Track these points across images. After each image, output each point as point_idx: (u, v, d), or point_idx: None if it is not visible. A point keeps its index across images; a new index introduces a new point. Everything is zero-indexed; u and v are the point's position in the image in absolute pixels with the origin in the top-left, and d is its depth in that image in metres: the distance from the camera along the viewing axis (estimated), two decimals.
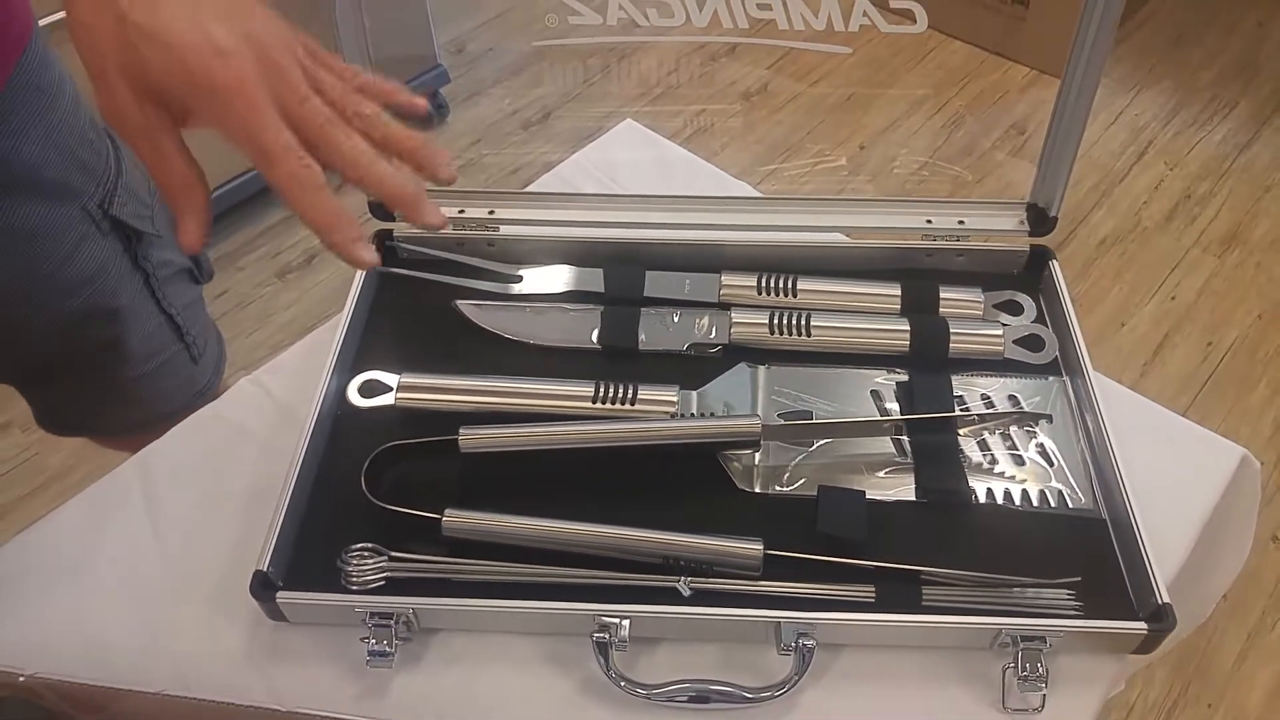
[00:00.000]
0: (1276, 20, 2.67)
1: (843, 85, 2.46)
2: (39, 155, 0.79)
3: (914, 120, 2.38)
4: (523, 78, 2.48)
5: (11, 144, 0.76)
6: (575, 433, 0.76)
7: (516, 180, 2.08)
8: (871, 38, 2.56)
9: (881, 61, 2.53)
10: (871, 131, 2.35)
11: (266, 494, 0.73)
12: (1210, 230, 2.16)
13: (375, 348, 0.86)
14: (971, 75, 2.49)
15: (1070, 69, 0.81)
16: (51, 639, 0.71)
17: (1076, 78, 0.80)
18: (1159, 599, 0.67)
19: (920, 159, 2.28)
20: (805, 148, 2.33)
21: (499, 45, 2.54)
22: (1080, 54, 0.79)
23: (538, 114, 2.36)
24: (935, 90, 2.45)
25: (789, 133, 2.33)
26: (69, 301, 0.86)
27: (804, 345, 0.85)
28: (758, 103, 2.40)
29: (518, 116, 2.37)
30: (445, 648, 0.71)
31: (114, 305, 0.89)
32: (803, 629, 0.66)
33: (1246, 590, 1.60)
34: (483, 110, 2.41)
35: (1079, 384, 0.81)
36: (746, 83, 2.43)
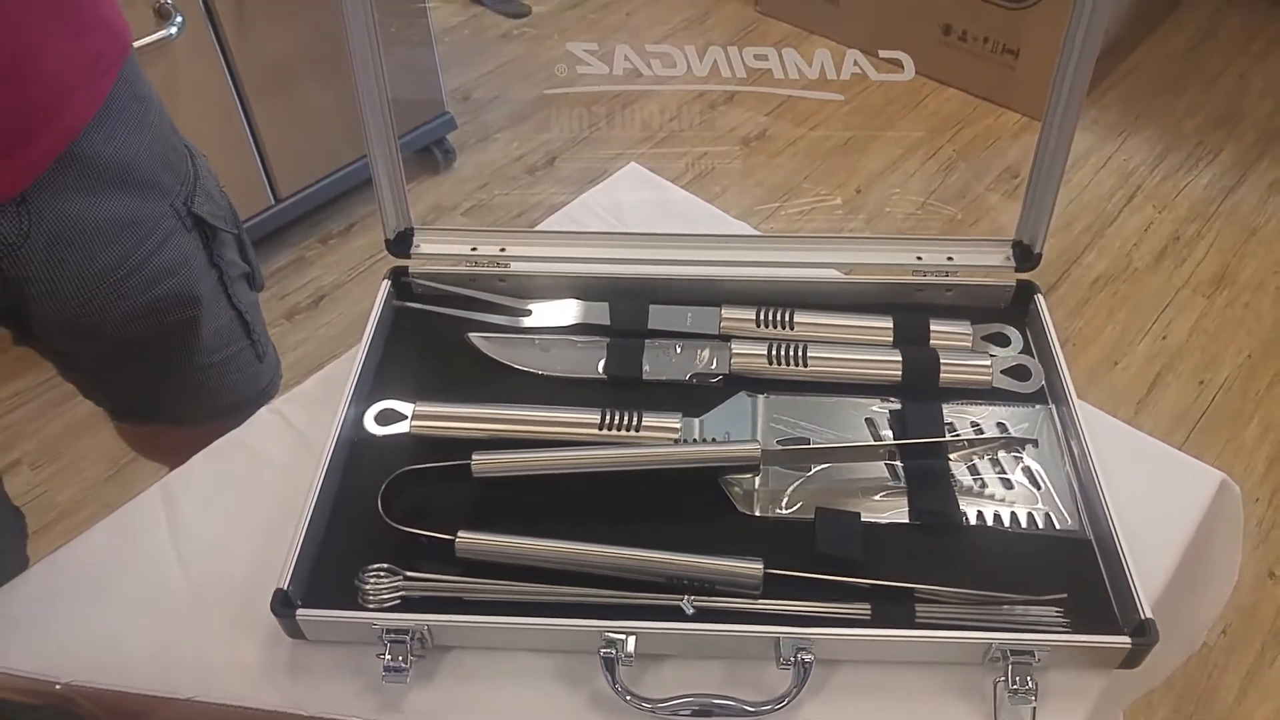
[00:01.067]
0: (1257, 72, 2.73)
1: (839, 131, 2.52)
2: (135, 155, 0.87)
3: (909, 164, 2.44)
4: (528, 125, 2.54)
5: (115, 144, 0.85)
6: (583, 458, 0.79)
7: (524, 222, 2.13)
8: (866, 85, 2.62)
9: (877, 109, 2.59)
10: (867, 176, 2.40)
11: (285, 519, 0.76)
12: (1199, 271, 2.20)
13: (391, 378, 0.89)
14: (965, 122, 2.55)
15: (1050, 112, 0.85)
16: (78, 656, 0.74)
17: (1056, 120, 0.84)
18: (1142, 614, 0.70)
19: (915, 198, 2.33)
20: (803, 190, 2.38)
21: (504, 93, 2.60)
22: (1059, 98, 0.83)
23: (543, 159, 2.42)
24: (929, 136, 2.51)
25: (787, 177, 2.38)
26: (154, 290, 0.93)
27: (801, 375, 0.88)
28: (756, 148, 2.45)
29: (523, 162, 2.43)
30: (458, 664, 0.73)
31: (194, 294, 0.97)
32: (801, 644, 0.69)
33: (1246, 626, 1.62)
34: (489, 156, 2.47)
35: (1064, 411, 0.85)
36: (745, 129, 2.49)
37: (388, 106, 0.85)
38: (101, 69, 0.83)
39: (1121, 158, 2.48)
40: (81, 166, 0.83)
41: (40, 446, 1.91)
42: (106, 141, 0.84)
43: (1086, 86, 0.81)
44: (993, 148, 2.48)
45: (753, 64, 0.83)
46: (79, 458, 1.88)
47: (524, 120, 2.54)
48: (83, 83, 0.81)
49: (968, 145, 2.49)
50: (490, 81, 2.63)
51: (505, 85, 2.60)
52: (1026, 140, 2.49)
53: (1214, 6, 2.96)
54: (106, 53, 0.84)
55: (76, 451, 1.89)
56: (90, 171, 0.84)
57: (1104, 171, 2.44)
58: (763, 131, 2.49)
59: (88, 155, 0.83)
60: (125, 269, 0.90)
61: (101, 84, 0.83)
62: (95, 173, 0.84)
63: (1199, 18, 2.92)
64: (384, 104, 0.85)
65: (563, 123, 1.03)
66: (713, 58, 0.82)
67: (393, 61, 0.83)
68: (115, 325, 0.93)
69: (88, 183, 0.84)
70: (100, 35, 0.83)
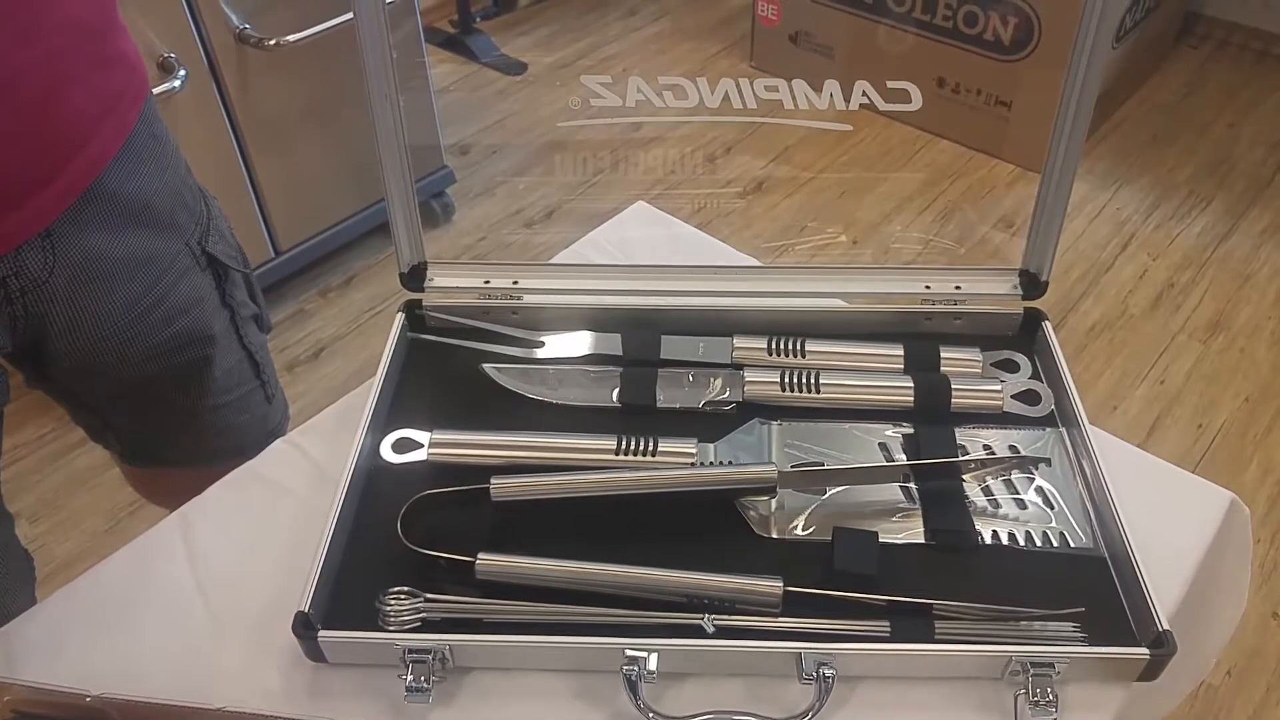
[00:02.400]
0: (1247, 121, 2.79)
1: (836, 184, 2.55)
2: (155, 192, 0.89)
3: (905, 215, 2.47)
4: (525, 179, 2.57)
5: (137, 180, 0.86)
6: (600, 481, 0.80)
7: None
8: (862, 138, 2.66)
9: (872, 160, 2.63)
10: (866, 225, 2.43)
11: (303, 548, 0.77)
12: (1195, 317, 2.23)
13: (406, 409, 0.90)
14: (960, 172, 2.59)
15: (1056, 133, 0.86)
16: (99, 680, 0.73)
17: (1063, 141, 0.86)
18: (1159, 626, 0.70)
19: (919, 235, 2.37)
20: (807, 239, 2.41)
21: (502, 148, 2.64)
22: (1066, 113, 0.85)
23: (540, 213, 2.44)
24: (925, 186, 2.55)
25: (785, 228, 2.41)
26: (169, 327, 0.94)
27: (814, 402, 0.89)
28: (755, 199, 2.49)
29: (521, 215, 2.45)
30: (478, 685, 0.73)
31: (208, 332, 0.98)
32: (823, 659, 0.70)
33: (1251, 667, 1.62)
34: (487, 210, 2.50)
35: (1075, 434, 0.86)
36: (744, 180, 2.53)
37: (404, 143, 0.87)
38: (125, 105, 0.85)
39: (1115, 207, 2.51)
40: (104, 202, 0.84)
41: (39, 500, 1.91)
42: (129, 178, 0.86)
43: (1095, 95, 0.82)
44: (988, 197, 2.51)
45: (763, 95, 0.85)
46: (77, 511, 1.87)
47: (522, 174, 2.58)
48: (107, 118, 0.83)
49: (963, 195, 2.53)
50: (488, 136, 2.66)
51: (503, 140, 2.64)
52: (1020, 190, 2.53)
53: (1201, 59, 3.03)
54: (129, 88, 0.86)
55: (75, 505, 1.89)
56: (113, 207, 0.85)
57: (1098, 220, 2.47)
58: (760, 183, 2.53)
59: (110, 191, 0.84)
60: (143, 306, 0.91)
61: (125, 119, 0.85)
62: (117, 209, 0.86)
63: (1187, 70, 2.98)
64: (400, 140, 0.87)
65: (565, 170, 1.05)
66: (724, 89, 0.84)
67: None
68: (131, 364, 0.94)
69: (110, 219, 0.85)
70: (122, 71, 0.85)
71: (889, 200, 2.51)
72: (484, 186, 2.54)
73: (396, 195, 0.90)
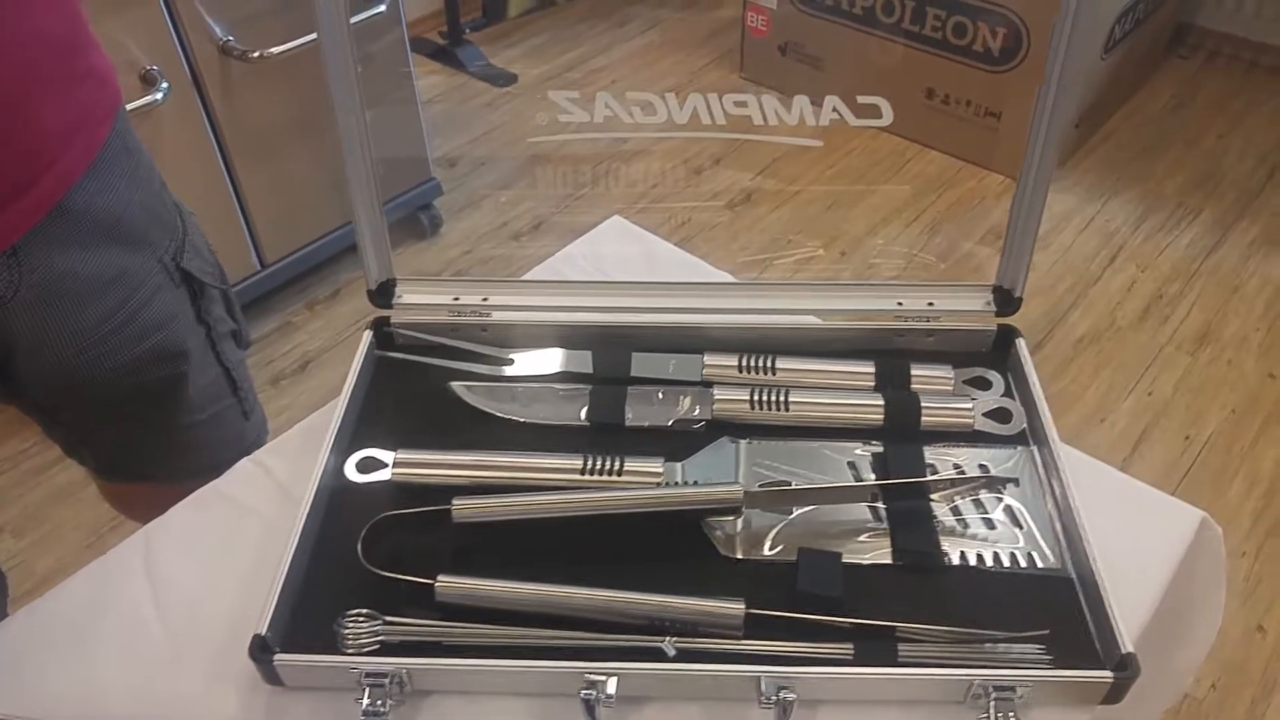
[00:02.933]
0: (1236, 133, 2.78)
1: (823, 196, 2.55)
2: (127, 208, 0.88)
3: (893, 227, 2.46)
4: (513, 191, 2.57)
5: (107, 196, 0.85)
6: (564, 502, 0.79)
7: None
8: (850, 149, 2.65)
9: (860, 171, 2.63)
10: (851, 239, 2.43)
11: (266, 568, 0.76)
12: (1183, 329, 2.22)
13: (372, 428, 0.89)
14: (948, 183, 2.59)
15: (1030, 150, 0.86)
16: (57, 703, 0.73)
17: (1035, 159, 0.85)
18: (1123, 648, 0.69)
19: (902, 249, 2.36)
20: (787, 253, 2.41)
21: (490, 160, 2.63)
22: (1039, 130, 0.84)
23: (528, 225, 2.44)
24: (914, 198, 2.54)
25: (770, 242, 2.41)
26: (142, 344, 0.93)
27: (783, 420, 0.89)
28: (741, 211, 2.48)
29: (508, 228, 2.45)
30: (437, 708, 0.72)
31: (182, 349, 0.97)
32: (783, 683, 0.69)
33: (1235, 680, 1.61)
34: (474, 222, 2.49)
35: (1045, 453, 0.85)
36: (730, 193, 2.52)
37: (369, 155, 0.86)
38: (95, 120, 0.84)
39: (1103, 219, 2.51)
40: (73, 219, 0.83)
41: (21, 514, 1.90)
42: (99, 194, 0.85)
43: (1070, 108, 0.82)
44: (977, 208, 2.51)
45: (732, 110, 0.84)
46: (58, 526, 1.86)
47: (510, 186, 2.57)
48: (77, 134, 0.82)
49: (951, 207, 2.52)
50: (477, 148, 2.66)
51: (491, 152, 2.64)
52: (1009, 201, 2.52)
53: (1191, 71, 3.03)
54: (100, 104, 0.85)
55: (56, 520, 1.87)
56: (82, 224, 0.84)
57: (1086, 233, 2.47)
58: (747, 195, 2.52)
59: (80, 207, 0.83)
60: (113, 323, 0.90)
61: (95, 136, 0.84)
62: (87, 225, 0.85)
63: (1176, 82, 2.98)
64: (366, 152, 0.86)
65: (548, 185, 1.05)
66: (693, 105, 0.84)
67: (378, 123, 0.85)
68: (103, 380, 0.93)
69: (79, 235, 0.84)
70: (93, 86, 0.84)
71: (877, 213, 2.51)
72: (471, 199, 2.54)
73: (363, 211, 0.89)
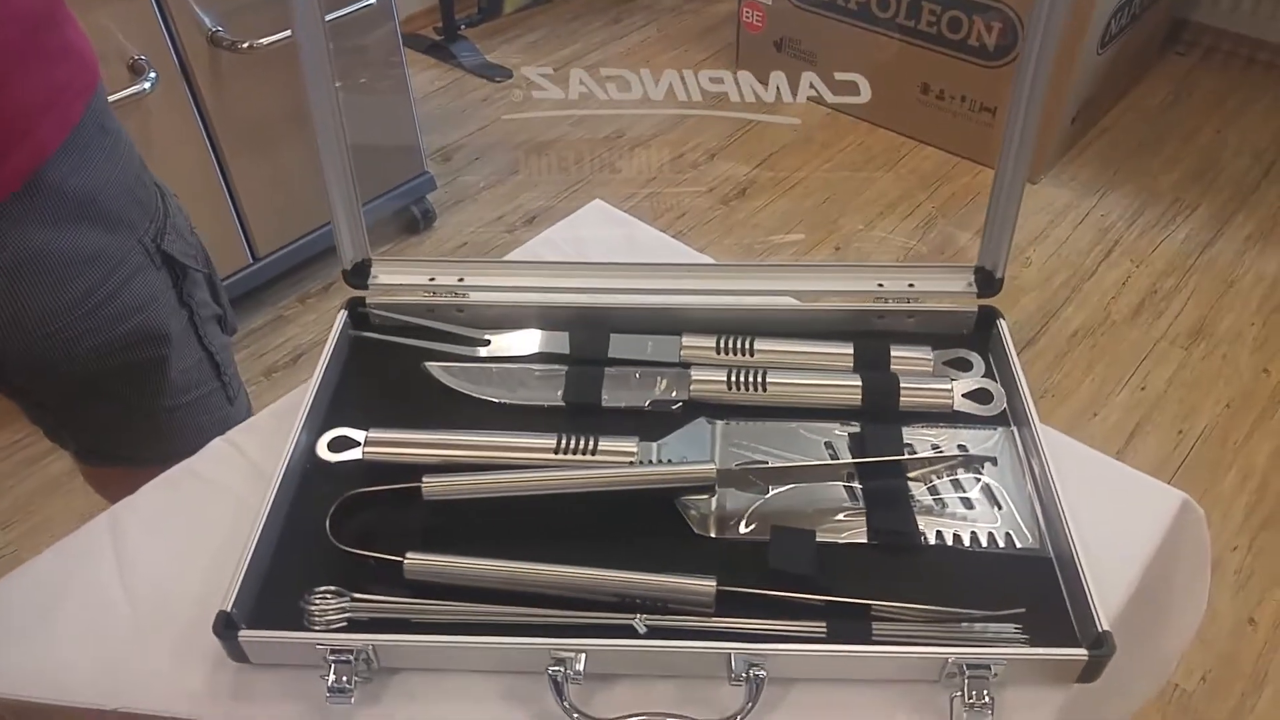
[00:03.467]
0: (1233, 128, 2.77)
1: (819, 190, 2.54)
2: (103, 188, 0.87)
3: (888, 221, 2.45)
4: (507, 186, 2.56)
5: (82, 175, 0.85)
6: (536, 480, 0.78)
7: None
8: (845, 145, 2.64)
9: (856, 165, 2.62)
10: (845, 234, 2.42)
11: (236, 548, 0.75)
12: (1177, 324, 2.21)
13: (346, 407, 0.89)
14: (943, 178, 2.58)
15: (1007, 139, 0.85)
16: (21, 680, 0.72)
17: (1015, 136, 0.85)
18: (1099, 626, 0.68)
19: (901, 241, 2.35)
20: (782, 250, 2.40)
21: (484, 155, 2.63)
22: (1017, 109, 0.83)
23: (521, 219, 2.43)
24: (908, 193, 2.54)
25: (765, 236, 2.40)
26: (121, 325, 0.92)
27: (761, 400, 0.88)
28: (736, 206, 2.47)
29: (502, 221, 2.44)
30: (404, 686, 0.72)
31: (162, 331, 0.96)
32: (754, 660, 0.68)
33: (1226, 673, 1.60)
34: (468, 216, 2.48)
35: (1025, 433, 0.84)
36: (724, 190, 2.51)
37: (342, 130, 0.85)
38: (69, 98, 0.84)
39: (1099, 213, 2.50)
40: (47, 196, 0.83)
41: (12, 505, 1.89)
42: (73, 172, 0.84)
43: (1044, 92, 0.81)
44: (972, 204, 2.50)
45: (708, 87, 0.83)
46: (50, 518, 1.86)
47: (504, 181, 2.57)
48: (51, 110, 0.81)
49: (946, 202, 2.51)
50: (472, 143, 2.65)
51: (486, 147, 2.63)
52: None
53: (1188, 67, 3.02)
54: (75, 82, 0.84)
55: (47, 511, 1.87)
56: (56, 202, 0.84)
57: (1082, 227, 2.46)
58: (743, 189, 2.52)
59: (53, 185, 0.83)
60: (91, 304, 0.89)
61: (69, 113, 0.83)
62: (61, 203, 0.84)
63: (1174, 77, 2.97)
64: (339, 129, 0.85)
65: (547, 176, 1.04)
66: (668, 81, 0.83)
67: (368, 115, 0.84)
68: (81, 362, 0.92)
69: (53, 213, 0.84)
70: (70, 65, 0.84)
71: (872, 207, 2.50)
72: (465, 193, 2.53)
73: (336, 188, 0.89)
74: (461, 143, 2.66)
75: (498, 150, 2.63)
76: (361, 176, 0.89)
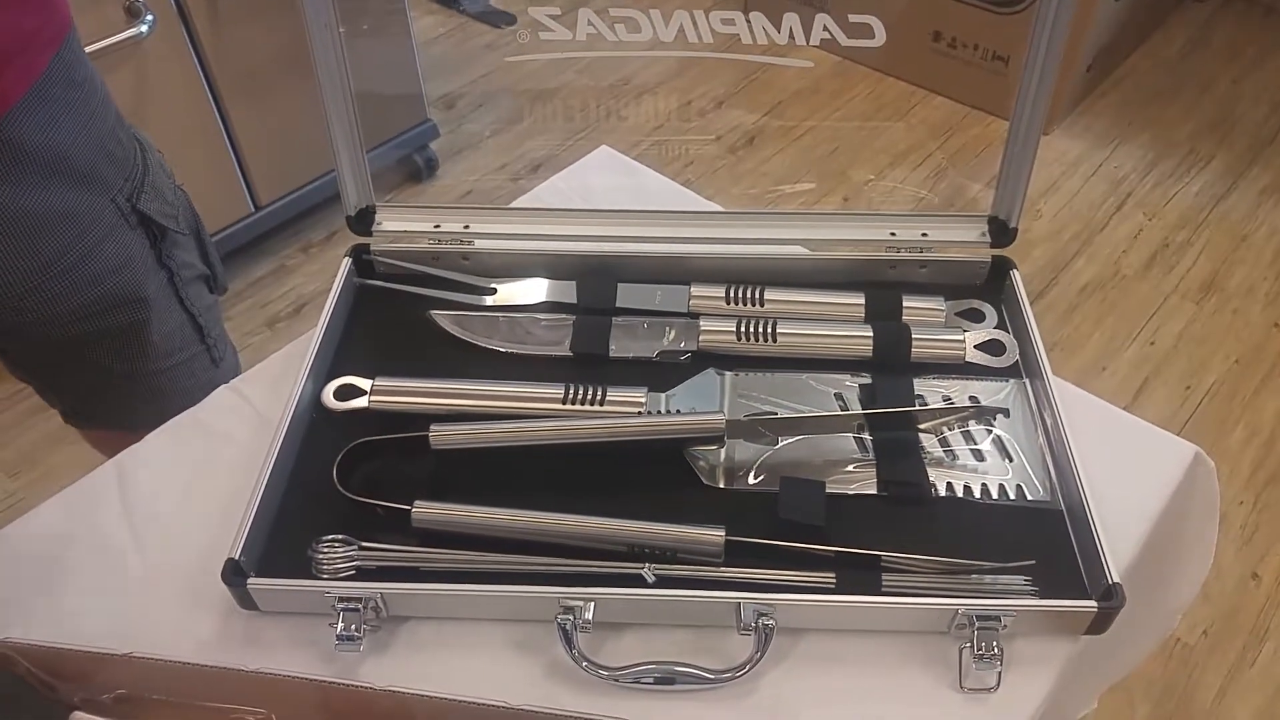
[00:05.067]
0: (1251, 78, 2.73)
1: (828, 140, 2.51)
2: (70, 143, 0.84)
3: (899, 172, 2.43)
4: (511, 133, 2.53)
5: (45, 130, 0.81)
6: (544, 430, 0.78)
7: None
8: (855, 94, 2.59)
9: (867, 114, 2.59)
10: (856, 184, 2.39)
11: (243, 495, 0.75)
12: (1189, 278, 2.19)
13: (351, 356, 0.88)
14: (954, 129, 2.55)
15: (1024, 84, 0.84)
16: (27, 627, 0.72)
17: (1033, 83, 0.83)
18: (1109, 579, 0.68)
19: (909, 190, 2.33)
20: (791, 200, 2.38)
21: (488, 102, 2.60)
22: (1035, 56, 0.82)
23: (526, 167, 2.41)
24: (919, 143, 2.51)
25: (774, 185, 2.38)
26: (96, 288, 0.90)
27: (770, 351, 0.87)
28: (744, 155, 2.45)
29: (506, 170, 2.42)
30: (413, 635, 0.72)
31: (140, 295, 0.94)
32: (763, 609, 0.68)
33: (1227, 627, 1.61)
34: (472, 164, 2.46)
35: (1038, 385, 0.83)
36: (732, 139, 2.49)
37: (346, 76, 0.84)
38: (36, 47, 0.80)
39: (1112, 165, 2.47)
40: (10, 152, 0.80)
41: (18, 454, 1.89)
42: (38, 129, 0.81)
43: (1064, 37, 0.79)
44: (984, 155, 2.47)
45: (720, 29, 0.82)
46: (56, 467, 1.86)
47: (508, 129, 2.54)
48: (13, 61, 0.78)
49: (957, 153, 2.49)
50: (475, 90, 2.62)
51: (489, 94, 2.60)
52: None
53: (1206, 15, 2.97)
54: (41, 31, 0.81)
55: (54, 460, 1.87)
56: (20, 158, 0.81)
57: (1094, 179, 2.43)
58: (751, 138, 2.49)
59: (17, 140, 0.80)
60: (63, 265, 0.87)
61: (35, 63, 0.80)
62: (25, 159, 0.81)
63: (1191, 26, 2.92)
64: (342, 73, 0.84)
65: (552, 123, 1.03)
66: (679, 22, 0.81)
67: (370, 60, 0.82)
68: (58, 324, 0.90)
69: (17, 171, 0.81)
70: (35, 13, 0.80)
71: (882, 157, 2.47)
72: (469, 141, 2.51)
73: (340, 133, 0.87)
74: (464, 90, 2.63)
75: (502, 97, 2.60)
76: (363, 124, 0.88)
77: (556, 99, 1.04)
